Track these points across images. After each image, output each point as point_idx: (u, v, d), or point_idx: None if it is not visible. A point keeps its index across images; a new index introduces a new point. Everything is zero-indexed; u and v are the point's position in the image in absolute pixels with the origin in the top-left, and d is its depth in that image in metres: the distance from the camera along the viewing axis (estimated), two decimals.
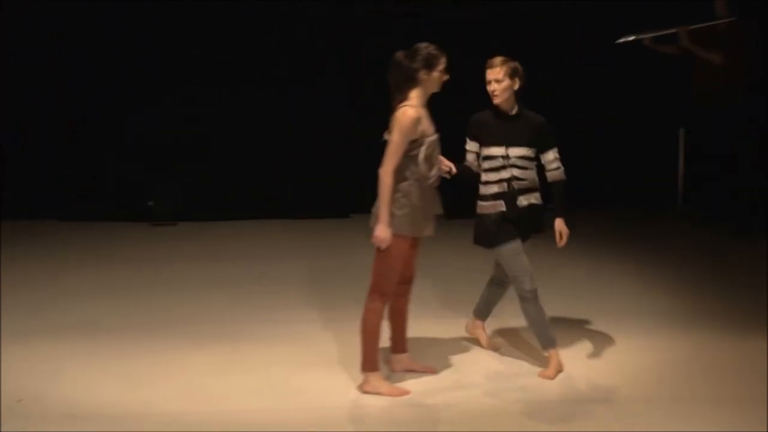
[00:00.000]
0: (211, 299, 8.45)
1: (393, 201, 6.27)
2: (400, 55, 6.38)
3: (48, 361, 6.97)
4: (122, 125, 11.51)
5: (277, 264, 9.60)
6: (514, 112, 6.72)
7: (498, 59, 6.70)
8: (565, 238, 6.68)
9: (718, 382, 6.63)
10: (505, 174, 6.68)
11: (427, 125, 6.36)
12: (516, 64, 6.69)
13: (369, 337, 6.45)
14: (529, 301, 6.66)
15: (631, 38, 10.33)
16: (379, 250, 6.36)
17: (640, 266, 9.26)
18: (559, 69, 11.24)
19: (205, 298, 8.47)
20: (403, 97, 6.34)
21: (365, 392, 6.45)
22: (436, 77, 6.38)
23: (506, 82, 6.64)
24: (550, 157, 6.73)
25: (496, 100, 6.68)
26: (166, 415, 6.17)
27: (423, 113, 6.36)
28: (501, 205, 6.70)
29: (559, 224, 6.68)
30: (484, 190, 6.74)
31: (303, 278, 9.12)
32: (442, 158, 6.61)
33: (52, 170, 11.45)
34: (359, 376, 6.52)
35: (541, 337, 6.75)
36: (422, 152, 6.31)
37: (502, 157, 6.68)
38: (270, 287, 8.83)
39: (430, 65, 6.35)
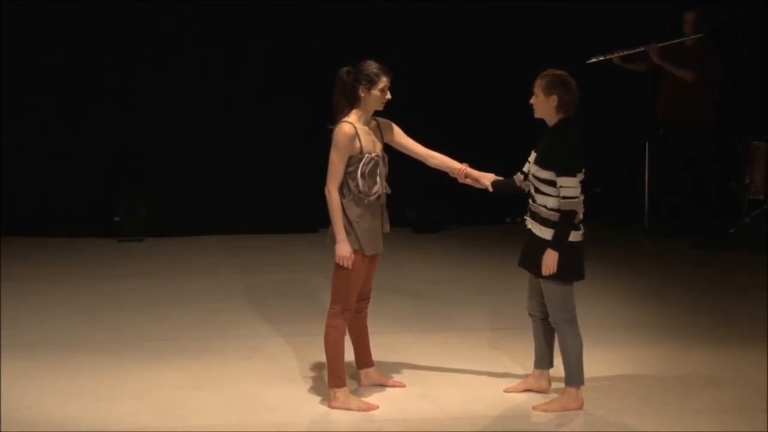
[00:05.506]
0: (179, 315, 8.43)
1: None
2: (343, 71, 6.43)
3: (17, 379, 6.93)
4: (86, 139, 11.48)
5: (244, 279, 9.60)
6: (550, 127, 6.37)
7: (544, 73, 6.37)
8: (547, 272, 6.26)
9: (692, 394, 6.70)
10: (530, 189, 6.45)
11: (367, 142, 6.39)
12: (555, 78, 6.31)
13: (333, 353, 6.45)
14: (571, 332, 6.41)
15: (602, 58, 10.46)
16: (338, 266, 6.39)
17: (605, 280, 9.30)
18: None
19: (173, 314, 8.45)
20: (344, 114, 6.39)
21: (333, 408, 6.45)
22: (375, 96, 6.38)
23: (540, 97, 6.31)
24: (560, 183, 6.21)
25: (534, 114, 6.42)
26: (135, 431, 6.16)
27: (363, 130, 6.39)
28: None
29: (546, 257, 6.25)
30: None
31: (270, 293, 9.11)
32: (482, 174, 6.62)
33: (15, 184, 11.37)
34: (328, 391, 6.52)
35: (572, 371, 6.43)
36: (359, 168, 6.34)
37: (527, 171, 6.46)
38: (237, 302, 8.82)
39: (370, 83, 6.36)
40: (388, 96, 6.43)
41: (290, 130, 11.54)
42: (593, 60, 10.45)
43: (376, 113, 6.52)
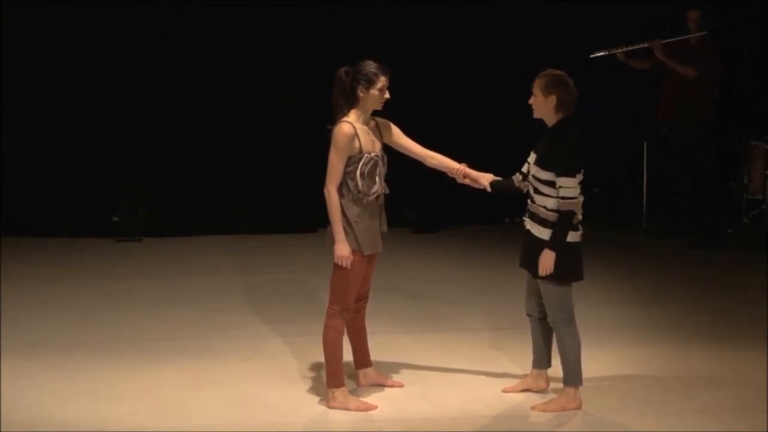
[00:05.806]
0: (179, 315, 8.43)
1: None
2: (341, 71, 6.43)
3: (17, 379, 6.93)
4: (86, 139, 11.48)
5: (244, 279, 9.60)
6: (550, 127, 6.37)
7: (543, 73, 6.37)
8: (543, 272, 6.27)
9: (692, 394, 6.70)
10: (528, 190, 6.45)
11: (366, 141, 6.39)
12: (554, 78, 6.31)
13: (331, 353, 6.46)
14: (569, 332, 6.41)
15: (605, 53, 10.48)
16: (336, 266, 6.40)
17: (605, 280, 9.30)
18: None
19: (173, 314, 8.45)
20: (343, 114, 6.39)
21: (332, 408, 6.45)
22: (374, 95, 6.39)
23: (539, 97, 6.31)
24: (559, 183, 6.20)
25: (533, 114, 6.42)
26: (135, 431, 6.16)
27: (362, 129, 6.39)
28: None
29: (543, 257, 6.26)
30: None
31: (270, 293, 9.12)
32: (481, 175, 6.62)
33: (15, 184, 11.37)
34: (326, 391, 6.52)
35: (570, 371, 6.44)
36: (359, 168, 6.34)
37: (526, 172, 6.46)
38: (237, 302, 8.82)
39: (369, 83, 6.36)
40: (387, 96, 6.44)
41: (290, 130, 11.55)
42: (597, 54, 10.46)
43: (375, 113, 6.53)
